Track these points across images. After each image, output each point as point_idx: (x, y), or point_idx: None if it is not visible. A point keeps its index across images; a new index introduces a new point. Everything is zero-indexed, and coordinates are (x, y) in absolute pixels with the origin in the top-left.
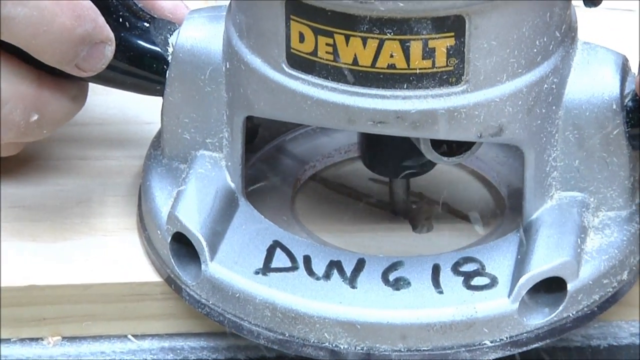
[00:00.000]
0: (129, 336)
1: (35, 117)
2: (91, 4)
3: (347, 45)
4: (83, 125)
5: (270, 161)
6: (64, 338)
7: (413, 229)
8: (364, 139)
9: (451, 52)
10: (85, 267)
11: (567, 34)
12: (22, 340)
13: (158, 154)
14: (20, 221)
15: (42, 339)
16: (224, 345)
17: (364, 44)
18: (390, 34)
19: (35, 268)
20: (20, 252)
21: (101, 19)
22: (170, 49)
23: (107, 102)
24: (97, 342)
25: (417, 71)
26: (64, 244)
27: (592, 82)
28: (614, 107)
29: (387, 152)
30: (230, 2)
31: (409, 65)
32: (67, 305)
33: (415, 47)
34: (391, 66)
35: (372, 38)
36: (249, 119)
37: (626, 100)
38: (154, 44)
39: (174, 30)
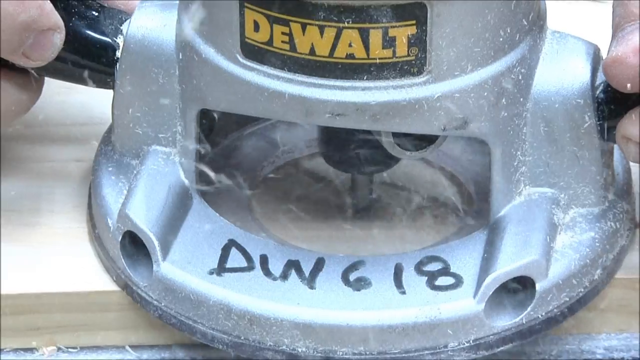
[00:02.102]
0: (127, 347)
1: None
2: None
3: (303, 35)
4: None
5: (227, 156)
6: (59, 348)
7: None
8: (323, 133)
9: (412, 41)
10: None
11: (535, 22)
12: (15, 350)
13: (109, 149)
14: (12, 225)
15: (36, 349)
16: (229, 358)
17: (321, 33)
18: (348, 22)
19: (27, 274)
20: (11, 257)
21: (48, 5)
22: (121, 39)
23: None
24: (94, 353)
25: (377, 61)
26: (54, 248)
27: (561, 73)
28: (585, 98)
29: (348, 146)
30: None
31: (368, 55)
32: (62, 314)
33: (375, 36)
34: (350, 56)
35: (330, 27)
36: (205, 112)
37: (597, 92)
38: (103, 33)
39: (125, 20)
